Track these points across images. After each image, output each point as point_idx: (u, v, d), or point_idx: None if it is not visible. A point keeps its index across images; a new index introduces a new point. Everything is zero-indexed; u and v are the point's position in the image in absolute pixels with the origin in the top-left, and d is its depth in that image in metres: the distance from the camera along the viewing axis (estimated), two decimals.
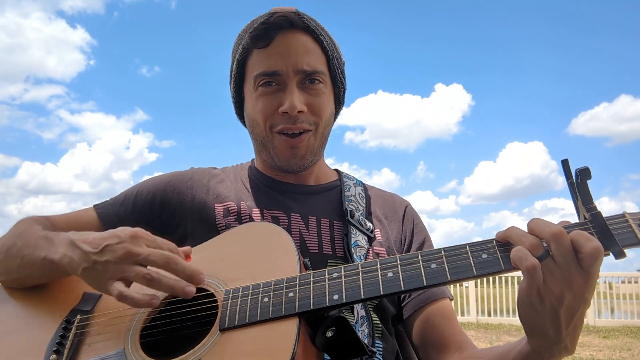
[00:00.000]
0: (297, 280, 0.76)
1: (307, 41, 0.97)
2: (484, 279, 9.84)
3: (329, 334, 0.73)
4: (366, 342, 0.86)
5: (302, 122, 0.96)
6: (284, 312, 0.72)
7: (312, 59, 0.97)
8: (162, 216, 1.03)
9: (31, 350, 0.83)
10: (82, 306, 0.88)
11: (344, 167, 1.22)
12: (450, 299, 1.02)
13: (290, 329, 0.70)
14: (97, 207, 1.07)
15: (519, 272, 0.65)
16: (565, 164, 0.68)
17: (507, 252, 0.67)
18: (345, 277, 0.74)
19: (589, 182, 0.67)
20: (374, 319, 0.94)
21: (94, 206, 1.08)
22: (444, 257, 0.70)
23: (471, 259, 0.69)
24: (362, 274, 0.73)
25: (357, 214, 1.03)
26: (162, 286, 0.75)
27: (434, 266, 0.70)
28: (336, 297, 0.72)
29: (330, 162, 1.19)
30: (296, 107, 0.93)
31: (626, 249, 0.63)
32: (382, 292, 0.71)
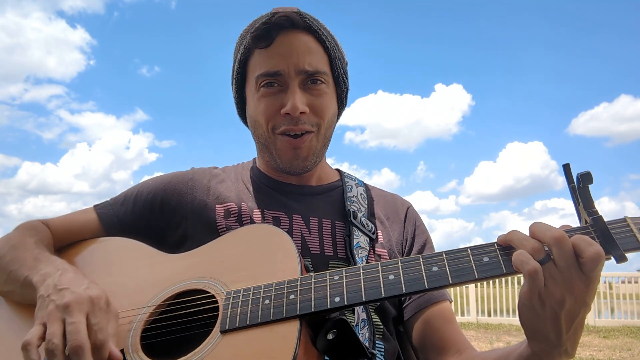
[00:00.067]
0: (299, 282, 0.76)
1: (309, 41, 0.96)
2: None
3: (330, 337, 0.73)
4: (367, 344, 0.86)
5: (305, 124, 0.95)
6: (285, 314, 0.72)
7: (314, 59, 0.96)
8: (162, 217, 1.03)
9: None
10: None
11: (344, 167, 1.21)
12: (450, 302, 1.02)
13: (291, 332, 0.70)
14: (97, 208, 1.06)
15: (518, 274, 0.65)
16: (566, 169, 0.68)
17: (509, 255, 0.67)
18: (346, 280, 0.74)
19: (590, 185, 0.67)
20: (375, 320, 0.94)
21: (94, 206, 1.07)
22: (445, 260, 0.70)
23: (473, 262, 0.69)
24: (364, 276, 0.73)
25: (359, 215, 1.02)
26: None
27: (435, 269, 0.70)
28: (337, 299, 0.72)
29: (330, 162, 1.18)
30: (298, 108, 0.92)
31: (627, 253, 0.63)
32: (383, 295, 0.71)
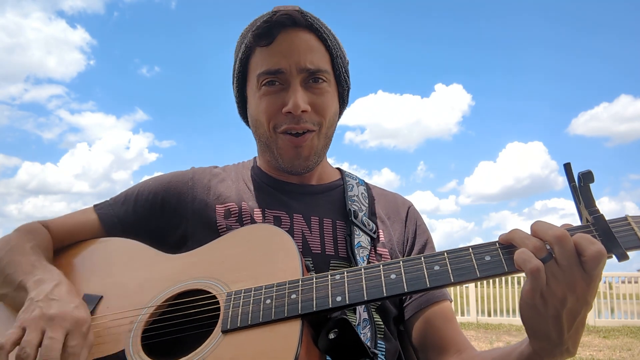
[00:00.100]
0: (300, 282, 0.75)
1: (310, 39, 0.96)
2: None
3: (332, 336, 0.73)
4: (368, 344, 0.86)
5: (306, 122, 0.94)
6: (286, 314, 0.72)
7: (316, 57, 0.95)
8: (163, 217, 1.02)
9: None
10: None
11: (344, 167, 1.21)
12: (450, 301, 1.02)
13: (292, 331, 0.70)
14: (97, 208, 1.06)
15: (520, 272, 0.65)
16: (567, 168, 0.68)
17: (510, 254, 0.67)
18: (348, 279, 0.74)
19: (591, 184, 0.67)
20: (376, 320, 0.94)
21: (94, 207, 1.07)
22: (447, 259, 0.70)
23: (474, 261, 0.69)
24: (365, 276, 0.73)
25: (360, 214, 1.01)
26: None
27: (437, 268, 0.70)
28: (339, 298, 0.72)
29: (330, 162, 1.18)
30: (300, 107, 0.92)
31: (629, 252, 0.63)
32: (385, 294, 0.71)
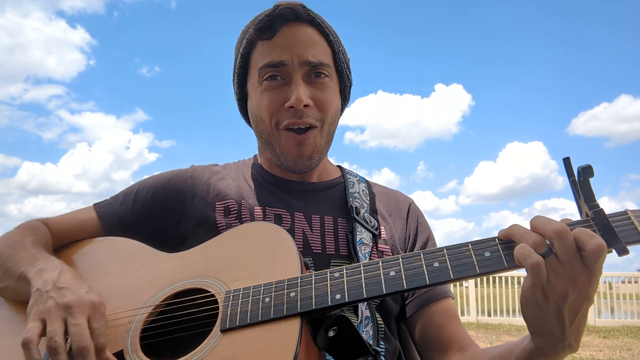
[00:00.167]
0: (299, 280, 0.75)
1: (312, 33, 0.96)
2: (484, 278, 9.82)
3: (331, 334, 0.72)
4: (371, 342, 0.85)
5: (309, 117, 0.94)
6: (285, 312, 0.72)
7: (318, 51, 0.95)
8: (162, 215, 1.02)
9: None
10: None
11: (345, 167, 1.20)
12: (452, 299, 1.01)
13: (292, 329, 0.70)
14: (97, 207, 1.06)
15: (519, 272, 0.65)
16: (567, 162, 0.68)
17: (510, 250, 0.66)
18: (347, 277, 0.73)
19: (591, 179, 0.67)
20: (378, 319, 0.93)
21: (94, 205, 1.07)
22: (446, 255, 0.70)
23: (474, 257, 0.68)
24: (364, 273, 0.73)
25: (362, 211, 1.01)
26: None
27: (436, 265, 0.70)
28: (338, 296, 0.71)
29: (331, 162, 1.17)
30: (302, 101, 0.91)
31: (629, 246, 0.63)
32: (384, 291, 0.70)
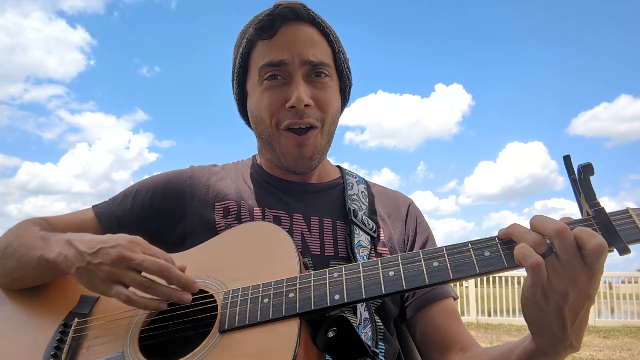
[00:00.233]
0: (298, 280, 0.75)
1: (313, 33, 0.96)
2: (484, 278, 9.81)
3: (330, 334, 0.72)
4: (370, 343, 0.85)
5: (309, 117, 0.93)
6: (284, 313, 0.71)
7: (318, 50, 0.95)
8: (161, 216, 1.01)
9: (28, 353, 0.82)
10: (79, 309, 0.87)
11: (345, 167, 1.20)
12: (454, 298, 1.01)
13: (291, 330, 0.70)
14: (96, 208, 1.06)
15: (519, 272, 0.64)
16: (567, 160, 0.68)
17: (510, 249, 0.66)
18: (346, 277, 0.73)
19: (591, 178, 0.66)
20: (376, 320, 0.92)
21: (93, 207, 1.06)
22: (445, 255, 0.70)
23: (473, 256, 0.68)
24: (364, 273, 0.72)
25: (360, 213, 1.01)
26: (159, 293, 0.77)
27: (436, 264, 0.69)
28: (337, 297, 0.71)
29: (331, 162, 1.17)
30: (303, 100, 0.91)
31: (630, 245, 0.62)
32: (383, 292, 0.70)
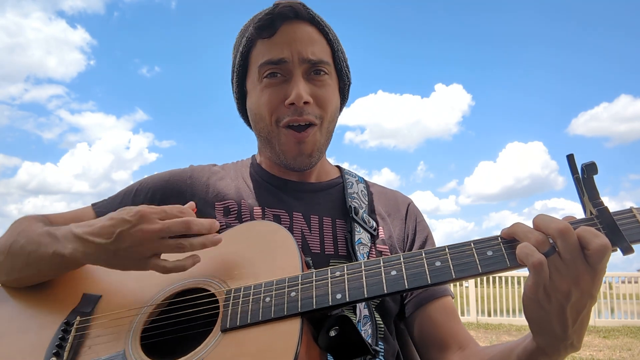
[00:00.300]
0: (299, 279, 0.75)
1: (312, 32, 0.97)
2: (484, 278, 9.81)
3: (332, 334, 0.72)
4: (370, 341, 0.85)
5: (309, 114, 0.94)
6: (286, 312, 0.71)
7: (317, 49, 0.96)
8: None
9: (31, 352, 0.82)
10: (81, 307, 0.87)
11: (344, 167, 1.20)
12: (452, 297, 1.01)
13: (292, 329, 0.70)
14: (95, 206, 1.05)
15: (520, 272, 0.64)
16: (570, 159, 0.67)
17: (512, 248, 0.66)
18: (348, 276, 0.73)
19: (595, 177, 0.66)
20: (376, 318, 0.93)
21: (92, 205, 1.06)
22: (448, 254, 0.69)
23: (476, 256, 0.68)
24: (365, 273, 0.72)
25: (360, 211, 1.01)
26: (195, 247, 0.79)
27: (438, 264, 0.69)
28: (339, 296, 0.71)
29: (330, 162, 1.17)
30: (302, 97, 0.92)
31: (634, 245, 0.62)
32: (385, 291, 0.70)
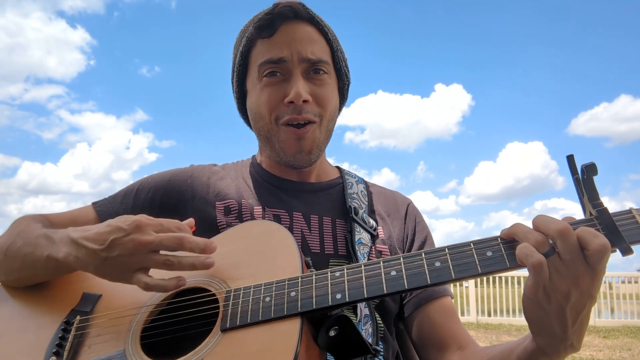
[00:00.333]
0: (299, 279, 0.75)
1: (312, 31, 0.97)
2: (484, 278, 9.81)
3: (332, 333, 0.72)
4: (370, 340, 0.85)
5: (308, 113, 0.94)
6: (286, 312, 0.72)
7: (317, 48, 0.97)
8: (162, 215, 1.01)
9: (30, 351, 0.82)
10: (81, 307, 0.87)
11: (344, 167, 1.20)
12: (451, 297, 1.01)
13: (292, 329, 0.70)
14: (96, 205, 1.05)
15: (520, 272, 0.64)
16: (570, 160, 0.67)
17: (512, 249, 0.66)
18: (348, 276, 0.73)
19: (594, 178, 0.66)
20: (377, 318, 0.93)
21: (93, 204, 1.06)
22: (448, 255, 0.70)
23: (475, 256, 0.68)
24: (365, 273, 0.72)
25: (360, 212, 1.01)
26: (183, 267, 0.77)
27: (438, 264, 0.69)
28: (339, 296, 0.71)
29: (330, 162, 1.17)
30: (302, 96, 0.92)
31: (633, 245, 0.62)
32: (385, 291, 0.70)
